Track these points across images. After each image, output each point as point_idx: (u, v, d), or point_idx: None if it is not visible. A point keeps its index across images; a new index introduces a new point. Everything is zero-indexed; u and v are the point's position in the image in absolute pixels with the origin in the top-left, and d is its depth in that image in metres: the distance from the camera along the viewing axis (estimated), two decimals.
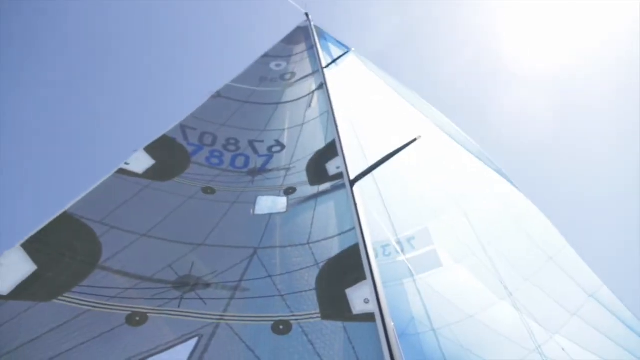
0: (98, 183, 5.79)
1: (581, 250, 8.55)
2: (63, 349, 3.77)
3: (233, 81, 9.37)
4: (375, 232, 8.24)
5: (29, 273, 4.41)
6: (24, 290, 4.21)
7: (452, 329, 7.88)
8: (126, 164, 6.24)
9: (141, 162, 6.35)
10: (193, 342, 3.86)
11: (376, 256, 8.69)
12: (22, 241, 4.71)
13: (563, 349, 7.58)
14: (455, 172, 9.75)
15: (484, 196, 9.41)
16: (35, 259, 4.53)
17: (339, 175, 6.00)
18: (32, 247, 4.63)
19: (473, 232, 9.09)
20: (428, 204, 9.56)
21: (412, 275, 8.23)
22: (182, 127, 7.36)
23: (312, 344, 3.93)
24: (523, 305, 8.18)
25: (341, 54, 11.77)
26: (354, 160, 6.45)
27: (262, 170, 6.64)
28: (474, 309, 8.50)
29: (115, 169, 6.12)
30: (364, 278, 4.50)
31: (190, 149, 6.93)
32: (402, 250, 8.92)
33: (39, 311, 4.06)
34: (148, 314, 4.11)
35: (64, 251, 4.78)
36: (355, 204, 5.31)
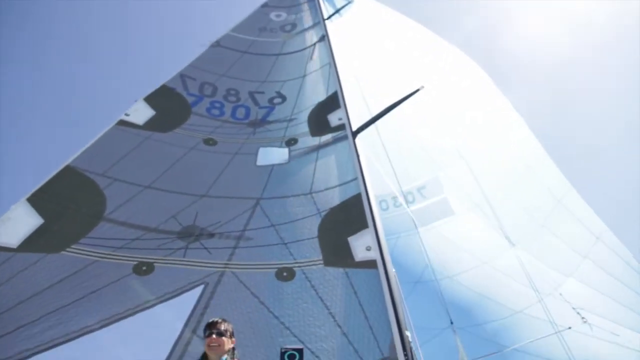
0: (99, 135, 5.78)
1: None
2: (73, 298, 3.89)
3: (232, 30, 9.14)
4: (385, 183, 8.25)
5: (37, 226, 4.48)
6: (33, 243, 4.30)
7: (467, 276, 7.98)
8: (126, 115, 6.19)
9: (141, 113, 6.30)
10: (199, 289, 3.97)
11: (386, 208, 8.80)
12: (27, 195, 4.77)
13: (567, 302, 7.71)
14: (465, 121, 9.66)
15: (495, 144, 9.37)
16: (41, 213, 4.59)
17: (341, 127, 5.96)
18: (37, 200, 4.69)
19: (484, 180, 9.10)
20: (438, 154, 9.51)
21: (425, 224, 8.26)
22: (182, 76, 7.26)
23: (315, 290, 4.03)
24: (536, 250, 8.28)
25: (344, 3, 11.36)
26: (358, 113, 6.38)
27: (264, 121, 6.59)
28: (488, 256, 8.59)
29: (116, 121, 6.09)
30: (366, 226, 4.57)
31: (190, 99, 6.85)
32: (413, 200, 8.93)
33: (48, 263, 4.16)
34: (154, 264, 4.20)
35: (68, 204, 4.84)
36: (358, 154, 5.31)
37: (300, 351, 3.59)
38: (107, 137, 5.78)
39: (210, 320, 3.11)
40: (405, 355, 3.65)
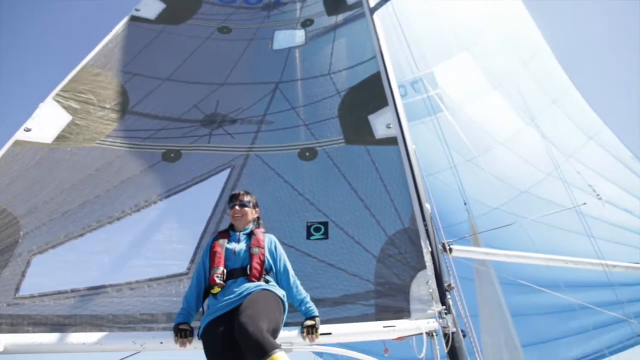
0: (112, 33, 5.71)
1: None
2: (108, 186, 4.12)
3: None
4: (400, 68, 8.04)
5: (66, 122, 4.62)
6: (65, 138, 4.47)
7: (483, 159, 8.04)
8: (137, 10, 6.05)
9: (151, 7, 6.14)
10: (226, 172, 4.14)
11: (404, 94, 8.67)
12: (52, 94, 4.87)
13: (578, 172, 7.76)
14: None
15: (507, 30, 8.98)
16: (68, 110, 4.72)
17: (358, 4, 5.69)
18: (62, 99, 4.79)
19: (499, 61, 8.84)
20: (454, 37, 9.14)
21: (441, 110, 8.17)
22: None
23: (337, 167, 4.15)
24: (546, 129, 8.25)
25: None
26: None
27: (277, 3, 6.33)
28: (502, 137, 8.61)
29: (127, 17, 5.97)
30: (386, 104, 4.55)
31: None
32: (430, 86, 8.76)
33: (81, 156, 4.35)
34: (181, 151, 4.36)
35: (92, 101, 4.93)
36: (376, 32, 5.12)
37: (325, 224, 3.81)
38: (120, 34, 5.71)
39: (233, 193, 3.28)
40: (425, 225, 3.82)
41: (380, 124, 4.41)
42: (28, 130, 4.32)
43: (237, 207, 3.15)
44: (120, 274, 3.53)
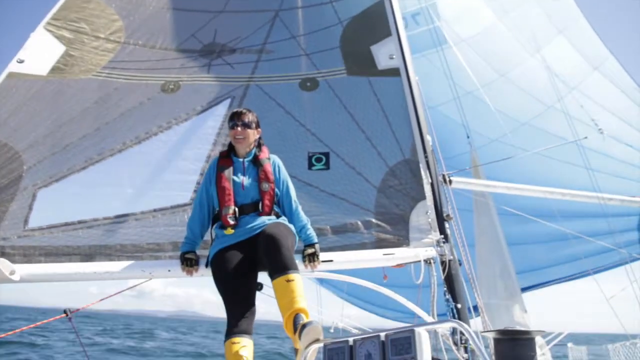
0: None
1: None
2: (108, 118, 4.09)
3: None
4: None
5: (60, 53, 4.50)
6: (61, 69, 4.37)
7: (487, 89, 7.93)
8: None
9: None
10: (227, 102, 4.09)
11: (406, 26, 8.40)
12: (43, 22, 4.70)
13: (581, 106, 7.69)
14: None
15: None
16: (61, 40, 4.58)
17: None
18: (54, 27, 4.64)
19: None
20: None
21: (446, 42, 7.94)
22: None
23: (338, 98, 4.11)
24: (551, 60, 8.10)
25: None
26: None
27: None
28: (505, 69, 8.47)
29: None
30: (389, 34, 4.42)
31: None
32: (433, 16, 8.47)
33: (79, 87, 4.28)
34: (180, 82, 4.28)
35: (86, 30, 4.77)
36: None
37: (326, 155, 3.83)
38: None
39: (234, 111, 3.10)
40: (426, 157, 3.84)
41: (383, 54, 4.31)
42: (21, 61, 4.22)
43: (238, 128, 3.00)
44: (124, 206, 3.59)
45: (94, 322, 37.40)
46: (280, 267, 2.59)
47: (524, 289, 7.31)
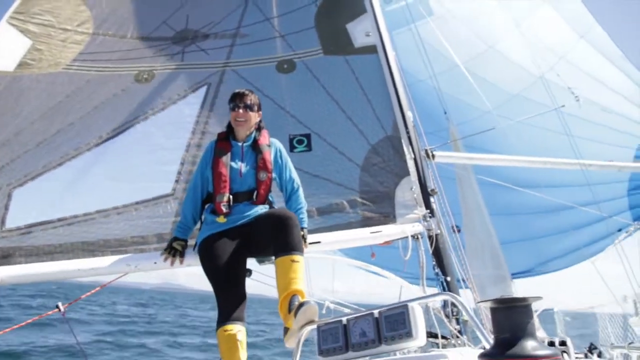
0: None
1: None
2: (82, 112, 3.98)
3: None
4: None
5: (26, 47, 4.35)
6: (29, 64, 4.23)
7: (473, 63, 7.87)
8: None
9: None
10: (203, 89, 4.01)
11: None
12: (5, 16, 4.52)
13: (558, 75, 7.72)
14: None
15: None
16: (26, 33, 4.42)
17: None
18: (18, 22, 4.47)
19: None
20: None
21: (426, 17, 7.84)
22: None
23: (317, 79, 4.06)
24: (535, 30, 8.10)
25: None
26: None
27: None
28: (492, 40, 8.44)
29: None
30: (365, 11, 4.37)
31: None
32: None
33: (49, 82, 4.15)
34: (154, 71, 4.18)
35: (52, 22, 4.61)
36: None
37: (307, 136, 3.79)
38: None
39: (237, 91, 2.98)
40: (407, 133, 3.83)
41: (359, 32, 4.27)
42: None
43: (240, 110, 2.90)
44: (105, 200, 3.51)
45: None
46: (288, 246, 2.59)
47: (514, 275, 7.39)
